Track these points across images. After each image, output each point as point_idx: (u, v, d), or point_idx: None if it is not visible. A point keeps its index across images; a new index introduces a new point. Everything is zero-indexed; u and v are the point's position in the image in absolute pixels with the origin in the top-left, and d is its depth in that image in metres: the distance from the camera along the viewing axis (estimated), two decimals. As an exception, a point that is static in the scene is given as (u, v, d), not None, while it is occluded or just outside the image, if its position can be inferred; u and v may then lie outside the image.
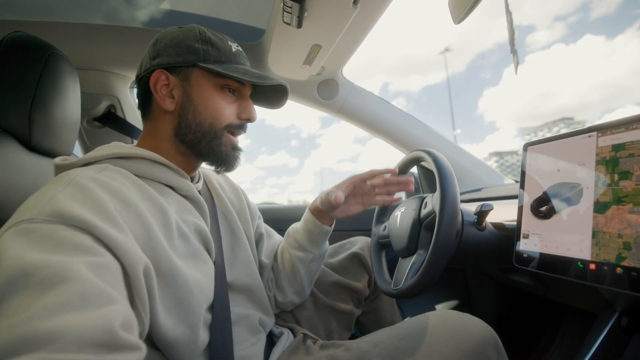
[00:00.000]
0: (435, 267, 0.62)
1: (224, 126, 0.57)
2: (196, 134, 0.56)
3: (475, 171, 1.26)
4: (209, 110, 0.56)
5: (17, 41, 0.59)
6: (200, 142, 0.56)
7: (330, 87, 1.17)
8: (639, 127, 0.46)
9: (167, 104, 0.56)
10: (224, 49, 0.57)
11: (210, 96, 0.56)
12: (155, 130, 0.58)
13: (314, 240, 0.75)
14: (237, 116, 0.59)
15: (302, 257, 0.75)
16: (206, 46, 0.56)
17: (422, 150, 0.75)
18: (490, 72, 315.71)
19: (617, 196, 0.47)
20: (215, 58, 0.56)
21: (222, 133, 0.57)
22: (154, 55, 0.56)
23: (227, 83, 0.57)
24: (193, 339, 0.48)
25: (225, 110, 0.57)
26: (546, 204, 0.58)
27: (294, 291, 0.76)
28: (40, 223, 0.36)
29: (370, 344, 0.57)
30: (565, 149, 0.57)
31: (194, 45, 0.56)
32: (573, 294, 0.71)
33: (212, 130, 0.56)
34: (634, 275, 0.43)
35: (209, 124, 0.56)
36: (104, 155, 0.51)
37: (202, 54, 0.55)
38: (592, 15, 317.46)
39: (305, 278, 0.76)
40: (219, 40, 0.58)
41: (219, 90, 0.57)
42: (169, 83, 0.56)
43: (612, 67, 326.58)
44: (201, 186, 0.65)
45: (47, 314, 0.28)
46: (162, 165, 0.54)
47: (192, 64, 0.55)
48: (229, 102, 0.58)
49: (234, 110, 0.59)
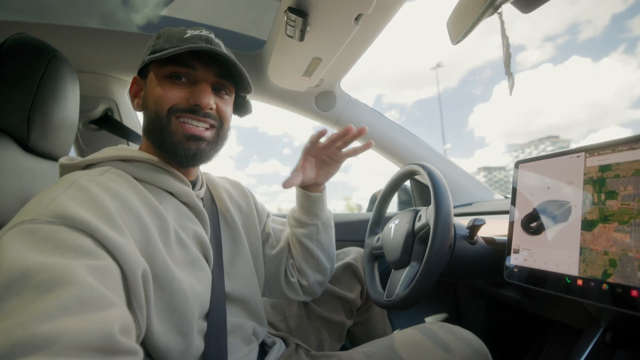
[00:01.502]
0: (428, 279, 0.63)
1: (167, 110, 0.53)
2: (149, 127, 0.55)
3: (467, 186, 1.29)
4: (152, 98, 0.55)
5: (20, 43, 0.60)
6: (154, 134, 0.54)
7: (328, 99, 1.19)
8: (624, 150, 0.49)
9: (135, 104, 0.59)
10: (171, 38, 0.55)
11: (156, 86, 0.55)
12: (142, 133, 0.60)
13: (310, 211, 0.74)
14: (186, 101, 0.55)
15: (306, 233, 0.74)
16: (157, 40, 0.57)
17: (416, 164, 0.76)
18: (481, 89, 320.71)
19: (603, 215, 0.49)
20: (160, 48, 0.54)
21: (169, 119, 0.53)
22: None
23: (174, 71, 0.54)
24: (186, 348, 0.48)
25: (167, 94, 0.54)
26: (536, 220, 0.60)
27: (314, 269, 0.75)
28: (42, 224, 0.36)
29: (363, 355, 0.58)
30: (555, 168, 0.59)
31: (150, 44, 0.58)
32: (560, 309, 0.73)
33: (158, 118, 0.54)
34: (619, 291, 0.45)
35: (154, 111, 0.54)
36: (107, 157, 0.51)
37: (151, 48, 0.57)
38: (580, 37, 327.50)
39: (320, 253, 0.75)
40: (174, 32, 0.56)
41: (166, 80, 0.55)
42: (138, 86, 0.59)
43: (597, 88, 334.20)
44: (203, 193, 0.64)
45: (46, 317, 0.28)
46: (162, 169, 0.54)
47: (143, 62, 0.57)
48: (174, 88, 0.54)
49: (182, 95, 0.54)
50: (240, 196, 0.74)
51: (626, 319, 0.52)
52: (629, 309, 0.44)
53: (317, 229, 0.74)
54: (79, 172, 0.47)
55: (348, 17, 0.72)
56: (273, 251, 0.75)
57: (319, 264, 0.75)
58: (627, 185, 0.47)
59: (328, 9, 0.69)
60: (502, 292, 0.82)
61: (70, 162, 0.51)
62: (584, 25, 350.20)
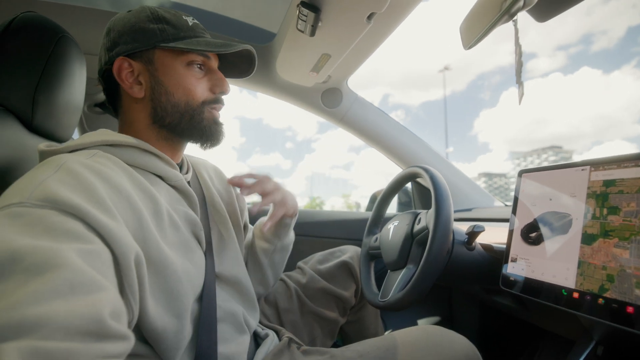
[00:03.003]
0: (424, 282, 0.63)
1: (200, 103, 0.56)
2: (174, 116, 0.55)
3: (468, 191, 1.29)
4: (181, 89, 0.55)
5: (29, 21, 0.59)
6: (181, 123, 0.56)
7: (334, 96, 1.19)
8: (629, 166, 0.49)
9: (136, 91, 0.55)
10: (180, 25, 0.56)
11: (179, 75, 0.55)
12: (129, 120, 0.57)
13: (275, 232, 0.78)
14: (210, 90, 0.58)
15: (265, 247, 0.78)
16: (161, 25, 0.55)
17: (419, 166, 0.76)
18: (489, 94, 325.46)
19: (604, 230, 0.49)
20: (174, 35, 0.55)
21: (202, 109, 0.57)
22: (110, 45, 0.55)
23: (193, 59, 0.56)
24: (180, 329, 0.48)
25: (197, 86, 0.56)
26: (536, 231, 0.60)
27: (258, 281, 0.79)
28: (30, 207, 0.35)
29: (356, 354, 0.58)
30: (558, 180, 0.59)
31: (148, 26, 0.54)
32: (553, 320, 0.73)
33: (190, 108, 0.56)
34: (614, 306, 0.45)
35: (184, 102, 0.55)
36: (92, 142, 0.50)
37: (159, 34, 0.54)
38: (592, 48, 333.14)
39: (269, 269, 0.79)
40: (173, 17, 0.56)
41: (187, 68, 0.56)
42: (132, 70, 0.54)
43: (606, 101, 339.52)
44: (190, 177, 0.64)
45: (35, 301, 0.28)
46: (151, 154, 0.54)
47: (152, 46, 0.54)
48: (199, 78, 0.57)
49: (205, 85, 0.58)
50: (221, 183, 0.74)
51: (619, 334, 0.52)
52: (624, 324, 0.44)
53: (274, 248, 0.79)
54: (66, 154, 0.45)
55: (361, 15, 0.71)
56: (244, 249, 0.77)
57: (265, 278, 0.80)
58: (630, 202, 0.47)
59: (341, 6, 0.69)
60: (497, 299, 0.82)
61: (50, 148, 0.48)
62: (598, 36, 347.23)
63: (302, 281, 0.85)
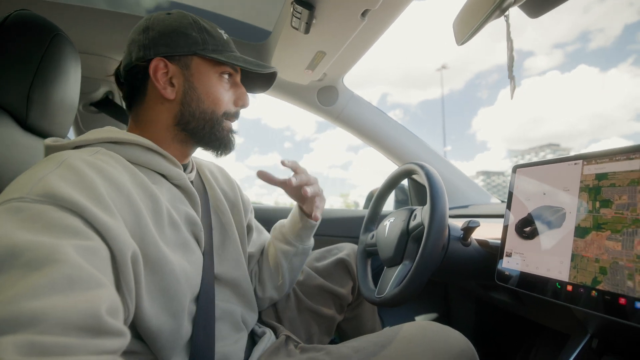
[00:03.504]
0: (419, 278, 0.63)
1: (222, 113, 0.59)
2: (199, 122, 0.57)
3: (464, 188, 1.30)
4: (211, 97, 0.58)
5: (23, 19, 0.59)
6: (204, 129, 0.58)
7: (330, 94, 1.19)
8: (621, 159, 0.49)
9: (169, 93, 0.56)
10: (218, 38, 0.59)
11: (211, 84, 0.58)
12: (149, 118, 0.57)
13: (299, 234, 0.76)
14: (233, 103, 0.61)
15: (286, 250, 0.76)
16: (203, 35, 0.57)
17: (415, 163, 0.77)
18: (487, 92, 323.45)
19: (597, 223, 0.50)
20: (213, 47, 0.58)
21: (222, 120, 0.59)
22: (148, 43, 0.55)
23: (225, 70, 0.59)
24: (176, 328, 0.48)
25: (225, 97, 0.59)
26: (530, 225, 0.61)
27: (274, 286, 0.77)
28: (30, 202, 0.35)
29: (351, 350, 0.58)
30: (552, 174, 0.59)
31: (191, 33, 0.56)
32: (548, 314, 0.73)
33: (215, 117, 0.58)
34: (607, 298, 0.46)
35: (211, 111, 0.58)
36: (96, 139, 0.50)
37: (201, 43, 0.57)
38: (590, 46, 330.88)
39: (287, 273, 0.76)
40: (212, 29, 0.59)
41: (219, 77, 0.59)
42: (167, 71, 0.56)
43: (603, 99, 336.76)
44: (194, 176, 0.65)
45: (33, 295, 0.28)
46: (155, 152, 0.54)
47: (193, 52, 0.56)
48: (227, 89, 0.60)
49: (230, 97, 0.61)
50: (226, 183, 0.74)
51: (613, 326, 0.52)
52: (617, 316, 0.44)
53: (295, 251, 0.77)
54: (69, 151, 0.46)
55: (355, 12, 0.71)
56: (249, 248, 0.76)
57: (282, 283, 0.77)
58: (622, 195, 0.47)
59: (335, 3, 0.69)
60: (493, 294, 0.83)
61: (56, 143, 0.49)
62: (595, 34, 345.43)
63: (299, 278, 0.85)
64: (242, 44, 1.07)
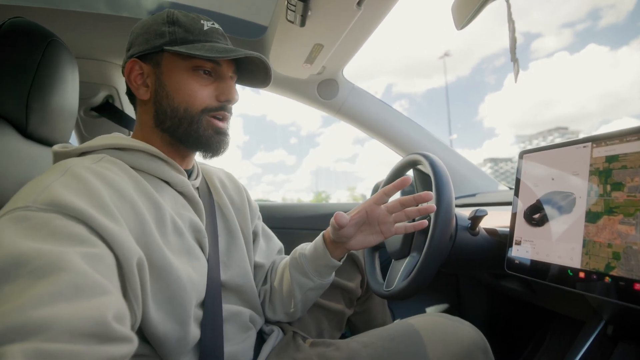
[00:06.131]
0: (427, 270, 0.63)
1: (201, 110, 0.55)
2: (173, 120, 0.55)
3: (471, 176, 1.28)
4: (181, 93, 0.54)
5: (17, 27, 0.59)
6: (179, 128, 0.55)
7: (330, 87, 1.18)
8: (632, 140, 0.47)
9: (142, 93, 0.55)
10: (193, 28, 0.55)
11: (181, 79, 0.54)
12: (140, 121, 0.58)
13: (318, 270, 0.68)
14: (215, 98, 0.56)
15: (302, 282, 0.69)
16: (173, 28, 0.54)
17: (419, 153, 0.75)
18: (493, 77, 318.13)
19: (608, 207, 0.48)
20: (182, 39, 0.54)
21: (201, 117, 0.55)
22: (128, 46, 0.56)
23: (199, 64, 0.54)
24: (183, 335, 0.48)
25: (199, 92, 0.55)
26: (539, 212, 0.59)
27: (285, 312, 0.72)
28: (35, 211, 0.35)
29: (361, 344, 0.58)
30: (560, 158, 0.58)
31: (161, 29, 0.54)
32: (561, 301, 0.72)
33: (188, 114, 0.54)
34: (621, 284, 0.44)
35: (183, 108, 0.54)
36: (102, 145, 0.51)
37: (168, 37, 0.54)
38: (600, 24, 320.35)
39: (300, 304, 0.70)
40: (189, 20, 0.55)
41: (191, 73, 0.55)
42: (143, 72, 0.55)
43: (613, 78, 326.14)
44: (199, 183, 0.64)
45: (40, 303, 0.28)
46: (159, 159, 0.54)
47: (160, 49, 0.54)
48: (204, 85, 0.55)
49: (211, 92, 0.56)
50: (234, 189, 0.73)
51: (628, 312, 0.51)
52: (632, 302, 0.43)
53: (313, 285, 0.69)
54: (73, 159, 0.46)
55: (350, 2, 0.70)
56: (256, 257, 0.73)
57: (294, 311, 0.71)
58: (634, 177, 0.46)
59: (329, -7, 0.68)
60: (504, 283, 0.81)
61: (63, 149, 0.50)
62: (606, 10, 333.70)
63: None
64: (239, 40, 1.06)
